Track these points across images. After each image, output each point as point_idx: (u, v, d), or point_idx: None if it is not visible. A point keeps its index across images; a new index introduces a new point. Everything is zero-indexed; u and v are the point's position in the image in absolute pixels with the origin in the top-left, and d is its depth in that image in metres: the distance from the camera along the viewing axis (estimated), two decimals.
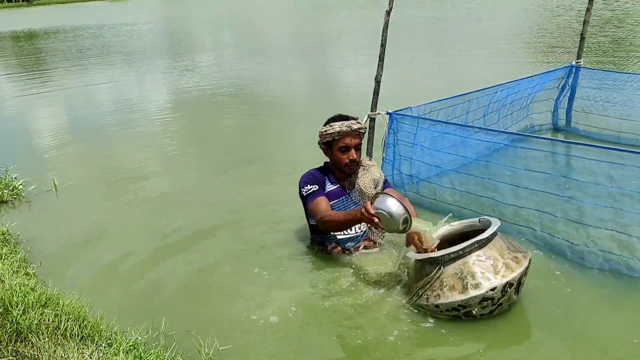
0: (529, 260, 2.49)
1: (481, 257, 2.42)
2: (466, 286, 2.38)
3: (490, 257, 2.41)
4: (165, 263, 3.26)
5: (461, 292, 2.38)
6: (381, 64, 3.78)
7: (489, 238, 2.46)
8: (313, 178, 3.12)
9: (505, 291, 2.38)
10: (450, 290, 2.41)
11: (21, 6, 62.68)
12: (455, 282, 2.40)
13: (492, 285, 2.35)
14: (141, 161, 5.30)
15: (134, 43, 17.99)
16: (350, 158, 3.04)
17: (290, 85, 9.39)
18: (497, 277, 2.36)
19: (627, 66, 8.50)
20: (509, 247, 2.51)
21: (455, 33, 14.86)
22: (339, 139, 3.02)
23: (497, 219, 2.59)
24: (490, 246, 2.45)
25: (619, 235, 2.96)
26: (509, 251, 2.47)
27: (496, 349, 2.38)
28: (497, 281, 2.36)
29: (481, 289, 2.35)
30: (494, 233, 2.49)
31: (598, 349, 2.35)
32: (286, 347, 2.44)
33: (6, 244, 3.45)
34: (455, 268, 2.43)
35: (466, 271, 2.40)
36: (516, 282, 2.41)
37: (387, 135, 3.88)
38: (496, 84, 4.67)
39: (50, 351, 2.19)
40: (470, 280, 2.38)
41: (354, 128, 3.00)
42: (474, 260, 2.41)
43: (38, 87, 10.49)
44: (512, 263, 2.41)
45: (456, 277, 2.41)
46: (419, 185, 3.92)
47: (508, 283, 2.37)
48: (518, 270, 2.40)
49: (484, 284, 2.36)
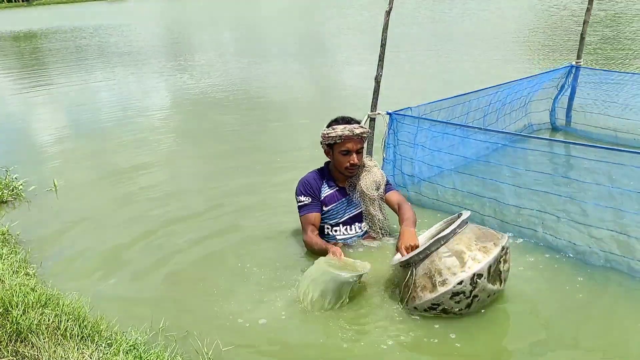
0: (502, 248, 2.45)
1: (447, 254, 2.43)
2: (435, 284, 2.41)
3: (457, 253, 2.42)
4: (165, 263, 3.26)
5: (431, 291, 2.42)
6: (381, 64, 3.78)
7: (454, 232, 2.47)
8: (308, 188, 3.13)
9: (474, 283, 2.38)
10: (422, 291, 2.45)
11: (21, 6, 62.64)
12: (426, 282, 2.45)
13: (459, 279, 2.37)
14: (142, 161, 5.30)
15: (133, 44, 17.97)
16: (351, 162, 3.04)
17: (290, 83, 9.39)
18: (464, 271, 2.37)
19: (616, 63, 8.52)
20: (478, 237, 2.49)
21: (455, 33, 14.87)
22: (341, 143, 3.02)
23: (467, 211, 2.61)
24: (457, 240, 2.47)
25: (619, 236, 2.97)
26: (477, 242, 2.46)
27: (497, 348, 2.38)
28: (463, 274, 2.37)
29: (449, 285, 2.38)
30: (459, 226, 2.50)
31: (599, 348, 2.36)
32: (286, 348, 2.44)
33: (6, 244, 3.46)
34: (424, 268, 2.47)
35: (434, 269, 2.43)
36: (486, 272, 2.39)
37: (387, 135, 3.88)
38: (496, 84, 4.67)
39: (50, 351, 2.19)
40: (437, 277, 2.41)
41: (356, 132, 2.99)
42: (440, 257, 2.44)
43: (38, 86, 10.50)
44: (479, 254, 2.41)
45: (426, 277, 2.45)
46: (419, 186, 3.92)
47: (476, 274, 2.37)
48: (485, 260, 2.39)
49: (450, 279, 2.38)
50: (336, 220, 3.16)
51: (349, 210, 3.15)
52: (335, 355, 2.38)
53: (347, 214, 3.16)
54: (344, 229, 3.18)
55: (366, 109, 3.85)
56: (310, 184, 3.15)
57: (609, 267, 2.89)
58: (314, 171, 3.23)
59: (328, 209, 3.14)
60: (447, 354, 2.34)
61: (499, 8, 20.08)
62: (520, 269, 2.93)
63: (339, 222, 3.16)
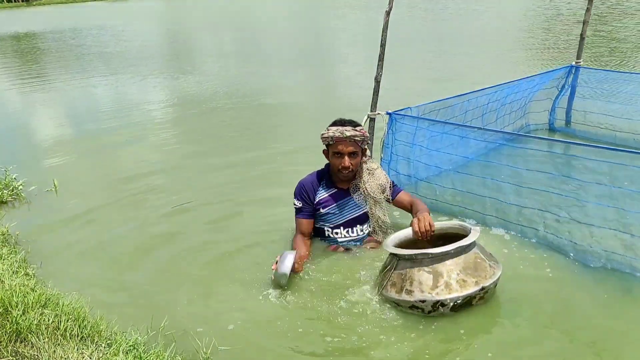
0: (482, 288, 2.46)
1: (426, 269, 2.47)
2: (402, 288, 2.50)
3: (435, 273, 2.46)
4: (165, 263, 3.27)
5: (397, 292, 2.52)
6: (381, 64, 3.78)
7: (444, 254, 2.47)
8: (303, 192, 3.12)
9: (436, 308, 2.46)
10: (392, 287, 2.56)
11: (20, 6, 62.62)
12: (397, 281, 2.54)
13: (422, 298, 2.44)
14: (141, 161, 5.30)
15: (134, 44, 17.98)
16: (342, 165, 2.99)
17: (291, 86, 9.39)
18: (431, 293, 2.43)
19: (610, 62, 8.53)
20: (466, 268, 2.48)
21: (454, 32, 14.87)
22: (333, 145, 3.00)
23: (475, 234, 2.54)
24: (442, 263, 2.47)
25: (622, 235, 2.97)
26: (460, 272, 2.46)
27: (498, 347, 2.37)
28: (428, 296, 2.43)
29: (412, 297, 2.47)
30: (453, 251, 2.47)
31: (600, 347, 2.36)
32: (285, 347, 2.44)
33: (6, 244, 3.46)
34: (402, 269, 2.55)
35: (408, 275, 2.51)
36: (451, 304, 2.44)
37: (387, 136, 3.88)
38: (496, 85, 4.67)
39: (50, 351, 2.18)
40: (407, 285, 2.49)
41: (346, 135, 2.94)
42: (419, 269, 2.49)
43: (38, 86, 10.50)
44: (454, 285, 2.43)
45: (400, 277, 2.54)
46: (417, 186, 3.91)
47: (440, 302, 2.43)
48: (455, 293, 2.42)
49: (415, 293, 2.46)
50: (336, 222, 3.15)
51: (350, 212, 3.14)
52: (335, 355, 2.38)
53: (348, 216, 3.14)
54: (344, 231, 3.16)
55: (366, 109, 3.85)
56: (306, 188, 3.13)
57: (610, 266, 2.89)
58: (314, 173, 3.21)
59: (326, 211, 3.12)
60: (444, 353, 2.34)
61: (498, 10, 20.08)
62: (520, 267, 2.94)
63: (339, 224, 3.15)
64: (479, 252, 2.58)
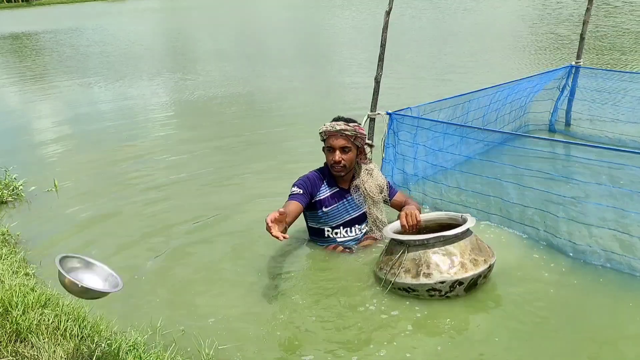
0: (489, 265, 2.62)
1: (441, 251, 2.57)
2: (419, 273, 2.54)
3: (450, 254, 2.57)
4: (165, 263, 3.27)
5: (413, 277, 2.55)
6: (381, 64, 3.78)
7: (455, 236, 2.60)
8: (306, 183, 3.09)
9: (453, 287, 2.55)
10: (406, 273, 2.58)
11: (20, 6, 62.61)
12: (412, 267, 2.57)
13: (442, 279, 2.52)
14: (142, 162, 5.30)
15: (134, 45, 17.98)
16: (334, 159, 3.01)
17: (291, 86, 9.40)
18: (450, 273, 2.52)
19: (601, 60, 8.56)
20: (473, 249, 2.63)
21: (453, 32, 14.88)
22: (327, 139, 3.03)
23: (473, 220, 2.72)
24: (454, 244, 2.60)
25: (621, 235, 2.98)
26: (471, 252, 2.60)
27: (498, 345, 2.37)
28: (447, 276, 2.52)
29: (431, 279, 2.52)
30: (461, 233, 2.62)
31: (599, 346, 2.36)
32: (285, 347, 2.44)
33: (6, 244, 3.46)
34: (416, 254, 2.60)
35: (424, 260, 2.56)
36: (467, 282, 2.56)
37: (387, 136, 3.89)
38: (496, 85, 4.67)
39: (50, 351, 2.19)
40: (424, 269, 2.54)
41: (336, 129, 2.96)
42: (434, 252, 2.57)
43: (37, 86, 10.50)
44: (468, 264, 2.56)
45: (414, 263, 2.58)
46: (418, 185, 3.92)
47: (458, 281, 2.53)
48: (471, 272, 2.54)
49: (435, 275, 2.52)
50: (337, 222, 3.15)
51: (349, 212, 3.14)
52: (335, 355, 2.38)
53: (348, 216, 3.15)
54: (344, 231, 3.17)
55: (368, 109, 3.86)
56: (310, 181, 3.11)
57: (609, 266, 2.89)
58: (316, 171, 3.20)
59: (327, 210, 3.12)
60: (445, 351, 2.35)
61: (499, 10, 20.09)
62: (521, 266, 2.95)
63: (339, 224, 3.15)
64: (477, 235, 2.75)
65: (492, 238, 3.22)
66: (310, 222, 3.22)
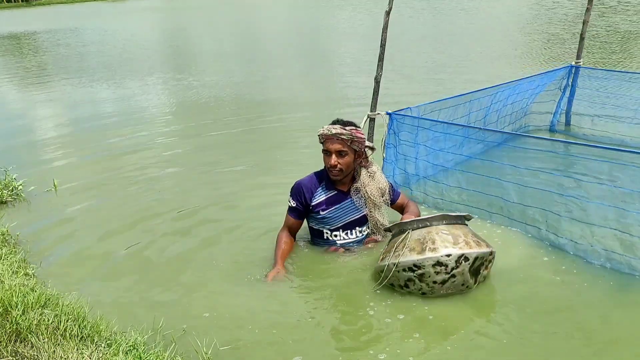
0: (491, 252, 2.66)
1: (445, 231, 2.63)
2: (424, 248, 2.57)
3: (453, 233, 2.62)
4: (165, 263, 3.26)
5: (419, 253, 2.57)
6: (381, 64, 3.78)
7: (456, 220, 2.69)
8: (298, 192, 3.10)
9: (459, 262, 2.54)
10: (410, 251, 2.60)
11: (20, 6, 62.57)
12: (416, 245, 2.61)
13: (448, 252, 2.54)
14: (142, 162, 5.29)
15: (134, 46, 17.98)
16: (330, 163, 2.98)
17: (291, 86, 9.39)
18: (455, 248, 2.56)
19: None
20: (473, 234, 2.70)
21: (451, 31, 14.88)
22: (323, 143, 3.03)
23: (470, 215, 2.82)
24: (456, 227, 2.67)
25: (621, 235, 2.99)
26: (473, 236, 2.67)
27: (496, 346, 2.38)
28: (453, 250, 2.55)
29: (437, 252, 2.54)
30: (461, 219, 2.72)
31: (599, 344, 2.37)
32: (285, 347, 2.44)
33: (6, 244, 3.45)
34: (420, 234, 2.64)
35: (428, 238, 2.61)
36: (472, 260, 2.56)
37: (387, 136, 3.88)
38: (496, 85, 4.67)
39: (50, 351, 2.18)
40: (429, 244, 2.58)
41: (332, 132, 2.94)
42: (437, 231, 2.63)
43: (37, 86, 10.49)
44: (472, 242, 2.61)
45: (418, 242, 2.62)
46: (419, 185, 3.93)
47: (464, 255, 2.54)
48: (476, 249, 2.58)
49: (440, 248, 2.55)
50: (336, 225, 3.12)
51: (348, 214, 3.12)
52: (335, 355, 2.38)
53: (347, 219, 3.12)
54: (343, 233, 3.14)
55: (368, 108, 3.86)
56: (303, 189, 3.09)
57: (609, 266, 2.90)
58: (313, 174, 3.18)
59: (325, 213, 3.09)
60: (447, 349, 2.34)
61: (498, 9, 20.09)
62: (522, 265, 2.96)
63: (339, 226, 3.12)
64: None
65: (494, 237, 3.23)
66: (310, 223, 3.22)
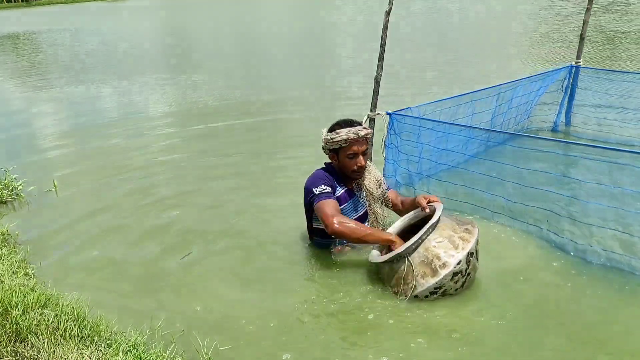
0: (477, 229, 2.69)
1: (439, 239, 2.60)
2: (436, 269, 2.54)
3: (446, 237, 2.61)
4: (165, 264, 3.26)
5: (433, 276, 2.54)
6: (381, 64, 3.78)
7: (439, 220, 2.66)
8: (328, 180, 3.02)
9: (469, 261, 2.59)
10: (424, 277, 2.57)
11: (20, 6, 62.58)
12: (425, 269, 2.57)
13: (457, 259, 2.54)
14: (142, 162, 5.29)
15: (135, 46, 17.97)
16: (358, 165, 3.00)
17: (290, 86, 9.39)
18: (459, 251, 2.56)
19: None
20: (457, 223, 2.71)
21: (452, 31, 14.88)
22: (347, 147, 2.98)
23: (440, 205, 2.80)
24: (443, 227, 2.66)
25: (621, 235, 3.00)
26: (459, 226, 2.68)
27: (495, 346, 2.37)
28: (460, 255, 2.55)
29: (449, 267, 2.53)
30: (440, 215, 2.68)
31: (598, 343, 2.37)
32: (284, 349, 2.43)
33: (6, 244, 3.45)
34: (420, 256, 2.60)
35: (431, 255, 2.57)
36: (475, 250, 2.63)
37: (388, 136, 3.88)
38: (496, 84, 4.67)
39: (50, 351, 2.18)
40: (437, 262, 2.55)
41: (361, 135, 2.96)
42: (433, 244, 2.59)
43: (37, 87, 10.49)
44: (465, 235, 2.63)
45: (424, 264, 2.57)
46: (422, 184, 3.93)
47: (469, 253, 2.57)
48: (473, 239, 2.61)
49: (449, 261, 2.54)
50: None
51: (356, 210, 3.13)
52: (334, 355, 2.38)
53: (355, 214, 3.12)
54: None
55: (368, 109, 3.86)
56: (329, 178, 3.05)
57: (609, 265, 2.91)
58: (322, 170, 3.12)
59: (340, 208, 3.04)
60: (450, 348, 2.35)
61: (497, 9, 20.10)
62: (523, 264, 2.97)
63: None
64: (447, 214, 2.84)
65: (495, 237, 3.23)
66: (316, 223, 3.14)
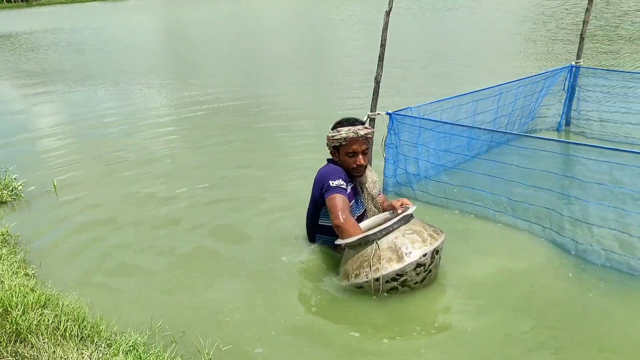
0: (445, 235, 2.81)
1: (408, 231, 2.72)
2: (401, 255, 2.64)
3: (416, 231, 2.73)
4: (166, 264, 3.26)
5: (398, 262, 2.63)
6: (381, 64, 3.78)
7: (411, 215, 2.80)
8: (343, 176, 3.01)
9: (433, 257, 2.70)
10: (388, 262, 2.65)
11: (20, 7, 62.59)
12: (392, 254, 2.66)
13: (423, 252, 2.65)
14: (142, 163, 5.29)
15: (134, 47, 17.97)
16: (357, 163, 3.02)
17: (289, 86, 9.39)
18: (426, 245, 2.67)
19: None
20: (428, 225, 2.83)
21: (451, 31, 14.88)
22: (347, 145, 3.00)
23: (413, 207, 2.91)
24: (414, 222, 2.80)
25: (621, 235, 3.00)
26: (428, 227, 2.81)
27: (494, 346, 2.38)
28: (426, 248, 2.67)
29: (415, 257, 2.63)
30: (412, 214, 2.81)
31: (598, 343, 2.38)
32: (285, 349, 2.44)
33: (6, 244, 3.45)
34: (389, 242, 2.69)
35: (399, 243, 2.68)
36: (440, 250, 2.75)
37: (388, 136, 3.88)
38: (497, 84, 4.66)
39: (50, 352, 2.18)
40: (404, 249, 2.66)
41: (360, 134, 2.97)
42: (403, 233, 2.71)
43: (37, 87, 10.49)
44: (434, 234, 2.76)
45: (391, 250, 2.67)
46: (421, 184, 3.93)
47: (435, 249, 2.70)
48: (439, 239, 2.74)
49: (415, 252, 2.65)
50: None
51: (357, 209, 3.13)
52: (334, 356, 2.38)
53: (358, 212, 3.13)
54: None
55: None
56: (343, 174, 3.02)
57: (609, 265, 2.91)
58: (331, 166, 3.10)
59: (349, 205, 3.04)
60: (451, 345, 2.35)
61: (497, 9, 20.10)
62: (524, 264, 2.98)
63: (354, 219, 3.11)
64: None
65: (496, 236, 3.23)
66: (322, 219, 3.14)
